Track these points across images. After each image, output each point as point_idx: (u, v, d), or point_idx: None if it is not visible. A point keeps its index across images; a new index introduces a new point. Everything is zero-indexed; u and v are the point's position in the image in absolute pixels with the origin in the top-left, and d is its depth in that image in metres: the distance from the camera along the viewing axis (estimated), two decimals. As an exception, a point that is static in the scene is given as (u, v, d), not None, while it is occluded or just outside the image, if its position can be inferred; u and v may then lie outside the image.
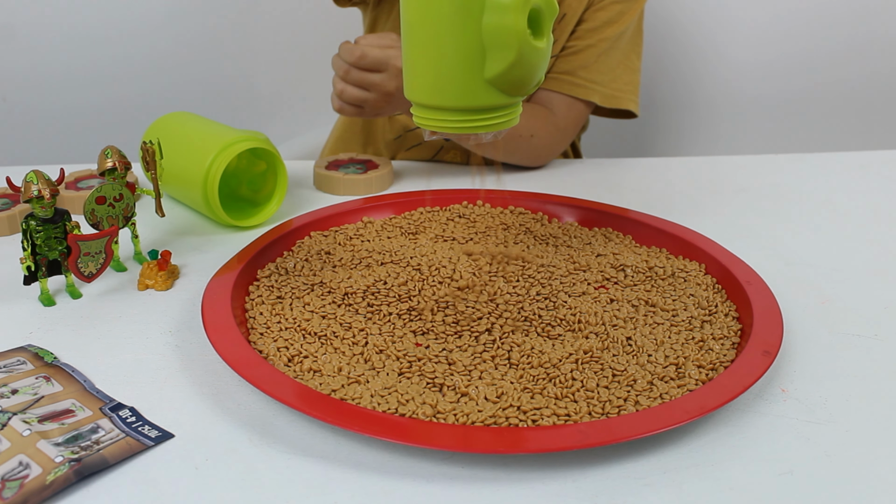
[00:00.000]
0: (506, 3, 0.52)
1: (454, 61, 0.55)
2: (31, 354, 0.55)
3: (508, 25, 0.52)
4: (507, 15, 0.52)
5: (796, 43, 1.36)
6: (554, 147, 0.96)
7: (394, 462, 0.45)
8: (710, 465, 0.45)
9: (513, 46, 0.53)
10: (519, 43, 0.53)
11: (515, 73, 0.54)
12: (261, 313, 0.59)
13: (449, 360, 0.53)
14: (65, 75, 1.34)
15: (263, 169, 0.81)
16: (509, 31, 0.52)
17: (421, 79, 0.57)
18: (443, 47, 0.55)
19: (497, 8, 0.52)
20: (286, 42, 1.45)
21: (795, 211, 0.84)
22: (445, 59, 0.55)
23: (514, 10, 0.52)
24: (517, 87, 0.56)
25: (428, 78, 0.56)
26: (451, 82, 0.55)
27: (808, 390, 0.53)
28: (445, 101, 0.56)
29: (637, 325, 0.58)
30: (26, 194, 0.59)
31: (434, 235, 0.72)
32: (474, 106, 0.56)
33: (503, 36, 0.53)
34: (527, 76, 0.55)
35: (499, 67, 0.54)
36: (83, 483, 0.43)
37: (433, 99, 0.57)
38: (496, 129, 0.58)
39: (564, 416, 0.48)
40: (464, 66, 0.54)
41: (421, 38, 0.56)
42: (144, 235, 0.74)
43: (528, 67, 0.55)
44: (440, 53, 0.55)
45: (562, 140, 0.97)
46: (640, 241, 0.72)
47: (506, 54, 0.53)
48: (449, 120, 0.57)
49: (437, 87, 0.56)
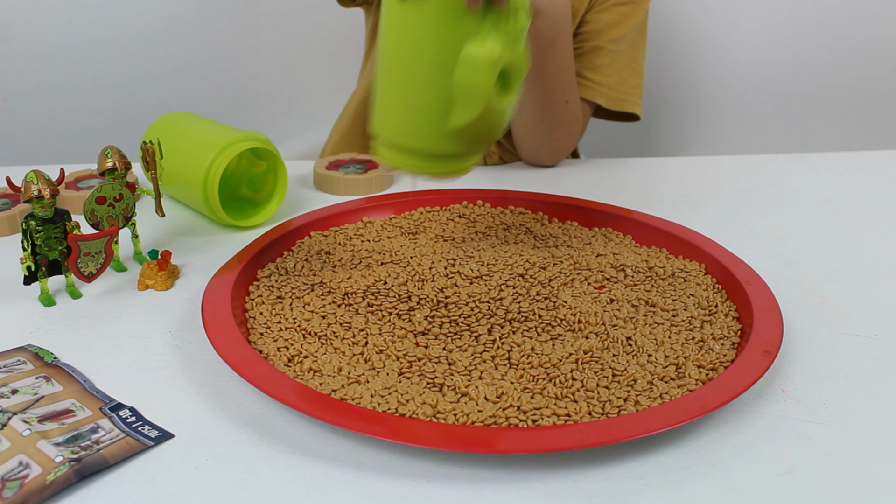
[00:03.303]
0: (477, 61, 0.53)
1: (422, 107, 0.57)
2: (31, 354, 0.55)
3: (477, 83, 0.54)
4: (477, 73, 0.54)
5: (796, 43, 1.36)
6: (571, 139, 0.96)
7: (394, 462, 0.45)
8: (710, 465, 0.45)
9: (479, 103, 0.54)
10: (485, 100, 0.54)
11: (478, 127, 0.56)
12: (261, 313, 0.59)
13: (449, 360, 0.53)
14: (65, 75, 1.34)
15: (263, 169, 0.81)
16: (478, 89, 0.54)
17: (390, 118, 0.59)
18: (414, 92, 0.57)
19: (469, 65, 0.54)
20: (287, 42, 1.45)
21: (795, 211, 0.84)
22: (414, 104, 0.57)
23: (485, 69, 0.54)
24: (477, 140, 0.58)
25: (396, 118, 0.58)
26: (417, 127, 0.57)
27: (808, 390, 0.53)
28: (410, 143, 0.59)
29: (637, 325, 0.58)
30: (26, 194, 0.59)
31: (434, 235, 0.72)
32: (436, 152, 0.58)
33: (471, 92, 0.54)
34: (488, 131, 0.57)
35: (463, 120, 0.56)
36: (83, 483, 0.43)
37: (398, 139, 0.59)
38: (451, 176, 0.61)
39: (564, 416, 0.48)
40: (431, 113, 0.56)
41: (395, 81, 0.58)
42: (144, 235, 0.74)
43: (491, 124, 0.57)
44: (410, 97, 0.57)
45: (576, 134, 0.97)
46: (640, 241, 0.72)
47: (472, 109, 0.55)
48: (411, 161, 0.59)
49: (404, 128, 0.58)
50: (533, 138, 0.95)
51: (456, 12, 0.53)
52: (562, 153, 0.97)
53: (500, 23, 0.54)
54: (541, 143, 0.95)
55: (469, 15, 0.53)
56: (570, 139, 0.96)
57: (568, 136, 0.96)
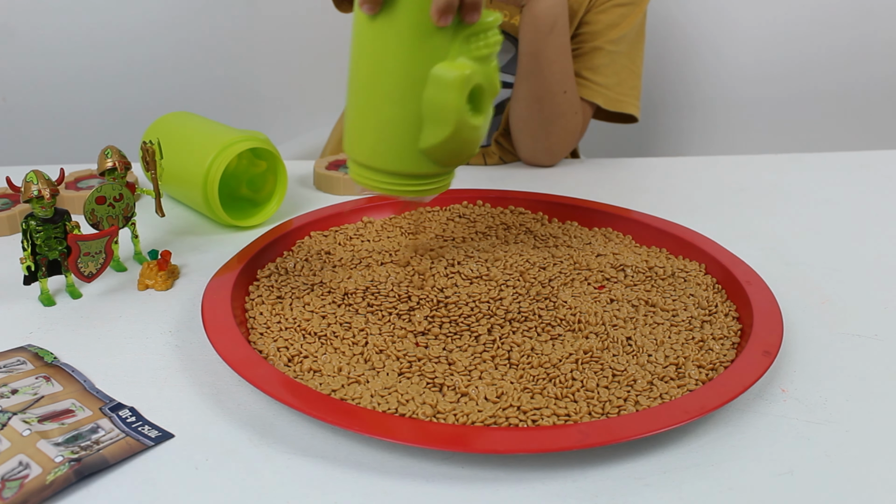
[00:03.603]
0: (448, 80, 0.53)
1: (393, 128, 0.56)
2: (31, 354, 0.55)
3: (448, 102, 0.54)
4: (447, 92, 0.53)
5: (796, 43, 1.36)
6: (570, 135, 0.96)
7: (394, 462, 0.45)
8: (710, 465, 0.45)
9: (450, 122, 0.54)
10: (456, 119, 0.54)
11: (449, 146, 0.56)
12: (261, 313, 0.59)
13: (449, 360, 0.53)
14: (65, 75, 1.34)
15: (263, 169, 0.81)
16: (448, 108, 0.54)
17: (360, 139, 0.58)
18: (384, 113, 0.56)
19: (439, 84, 0.54)
20: (286, 43, 1.45)
21: (795, 211, 0.84)
22: (385, 125, 0.56)
23: (456, 87, 0.53)
24: (449, 159, 0.58)
25: (367, 140, 0.58)
26: (388, 148, 0.57)
27: (808, 390, 0.53)
28: (381, 164, 0.58)
29: (637, 325, 0.58)
30: (26, 194, 0.59)
31: (434, 235, 0.72)
32: (408, 172, 0.58)
33: (442, 111, 0.54)
34: (460, 150, 0.57)
35: (434, 140, 0.55)
36: (83, 483, 0.43)
37: (370, 160, 0.59)
38: (426, 195, 0.60)
39: (564, 416, 0.48)
40: (402, 134, 0.56)
41: (365, 99, 0.57)
42: (144, 235, 0.74)
43: (462, 143, 0.56)
44: (380, 118, 0.56)
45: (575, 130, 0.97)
46: (640, 241, 0.72)
47: (442, 129, 0.55)
48: (382, 181, 0.59)
49: (375, 150, 0.58)
50: (531, 132, 0.95)
51: (426, 31, 0.53)
52: (561, 150, 0.97)
53: (470, 41, 0.54)
54: (539, 137, 0.95)
55: (439, 33, 0.53)
56: (569, 135, 0.96)
57: (567, 131, 0.95)
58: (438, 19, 0.52)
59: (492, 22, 0.55)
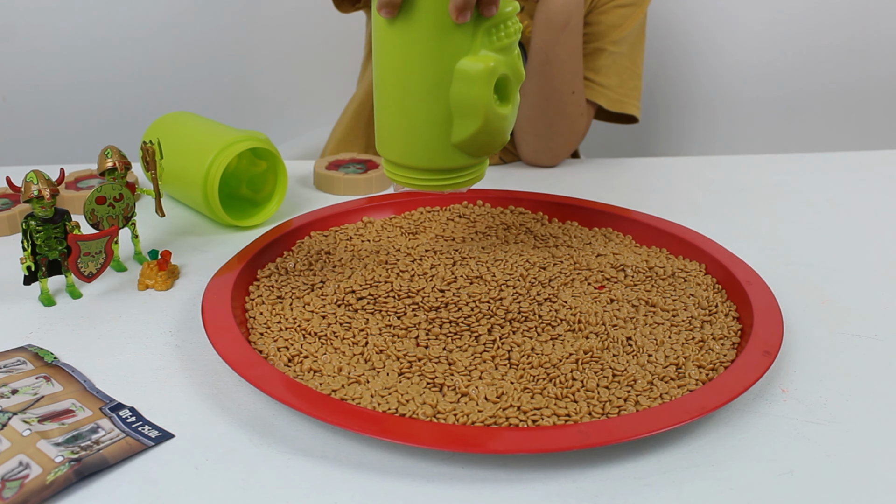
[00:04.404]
0: (473, 74, 0.54)
1: (424, 126, 0.57)
2: (31, 354, 0.55)
3: (475, 95, 0.55)
4: (474, 86, 0.54)
5: (796, 43, 1.36)
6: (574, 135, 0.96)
7: (394, 462, 0.45)
8: (710, 465, 0.45)
9: (479, 115, 0.55)
10: (485, 112, 0.55)
11: (481, 138, 0.57)
12: (261, 313, 0.59)
13: (449, 360, 0.53)
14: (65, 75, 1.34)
15: (263, 169, 0.81)
16: (476, 101, 0.55)
17: (392, 139, 0.59)
18: (413, 112, 0.57)
19: (465, 79, 0.54)
20: (286, 42, 1.45)
21: (795, 211, 0.84)
22: (415, 124, 0.57)
23: (482, 81, 0.54)
24: (482, 150, 0.59)
25: (398, 139, 0.59)
26: (421, 145, 0.58)
27: (808, 390, 0.53)
28: (416, 161, 0.59)
29: (637, 325, 0.58)
30: (26, 194, 0.59)
31: (434, 235, 0.72)
32: (443, 167, 0.59)
33: (470, 105, 0.55)
34: (492, 141, 0.58)
35: (465, 133, 0.56)
36: (83, 483, 0.43)
37: (403, 159, 0.59)
38: (464, 187, 0.61)
39: (564, 416, 0.48)
40: (433, 130, 0.57)
41: (393, 101, 0.58)
42: (144, 235, 0.74)
43: (493, 133, 0.57)
44: (411, 118, 0.57)
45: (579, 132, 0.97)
46: (640, 241, 0.72)
47: (472, 122, 0.56)
48: (418, 178, 0.60)
49: (408, 148, 0.59)
50: (536, 132, 0.95)
51: (446, 28, 0.54)
52: (564, 152, 0.97)
53: (491, 33, 0.55)
54: (544, 137, 0.95)
55: (459, 29, 0.54)
56: (573, 136, 0.96)
57: (572, 132, 0.95)
58: (457, 17, 0.53)
59: (510, 12, 0.55)
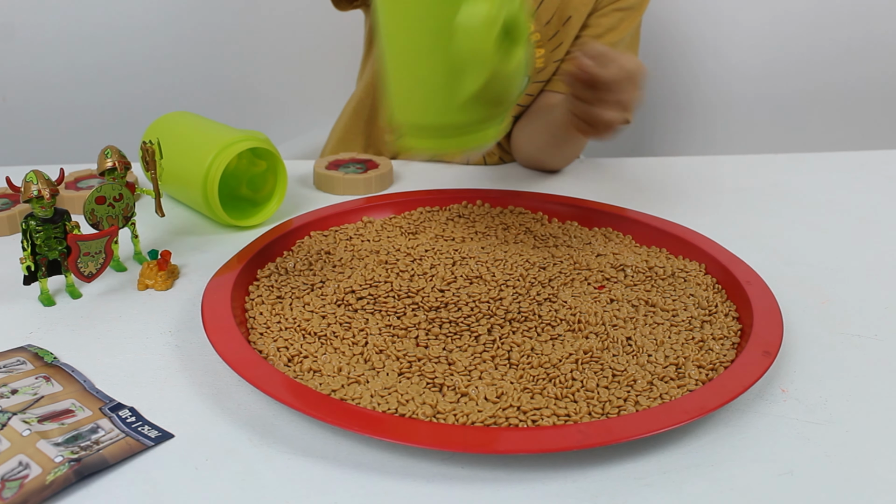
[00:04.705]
0: (473, 24, 0.52)
1: (433, 83, 0.56)
2: (31, 354, 0.55)
3: (478, 46, 0.53)
4: (475, 36, 0.52)
5: (796, 43, 1.36)
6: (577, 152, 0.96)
7: (394, 462, 0.45)
8: (710, 465, 0.45)
9: (485, 66, 0.53)
10: (490, 62, 0.53)
11: (492, 89, 0.55)
12: (261, 313, 0.59)
13: (449, 360, 0.53)
14: (65, 75, 1.34)
15: (263, 169, 0.81)
16: (479, 52, 0.53)
17: (404, 100, 0.58)
18: (421, 71, 0.56)
19: (465, 30, 0.53)
20: (286, 42, 1.45)
21: (795, 211, 0.84)
22: (425, 82, 0.56)
23: (482, 30, 0.52)
24: (498, 102, 0.57)
25: (412, 99, 0.58)
26: (433, 103, 0.57)
27: (808, 390, 0.53)
28: (431, 120, 0.57)
29: (637, 325, 0.58)
30: (26, 194, 0.59)
31: (434, 235, 0.72)
32: (458, 123, 0.57)
33: (474, 57, 0.53)
34: (504, 92, 0.56)
35: (474, 86, 0.54)
36: (83, 483, 0.43)
37: (419, 119, 0.58)
38: (485, 143, 0.59)
39: (564, 416, 0.48)
40: (443, 86, 0.55)
41: (400, 62, 0.57)
42: (144, 235, 0.74)
43: (504, 83, 0.55)
44: (420, 77, 0.56)
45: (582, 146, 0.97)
46: (640, 241, 0.72)
47: (479, 74, 0.54)
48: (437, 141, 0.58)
49: (422, 107, 0.57)
50: (538, 147, 0.94)
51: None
52: (563, 166, 0.97)
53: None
54: (546, 154, 0.94)
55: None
56: (575, 155, 0.96)
57: (574, 152, 0.96)
58: None
59: None
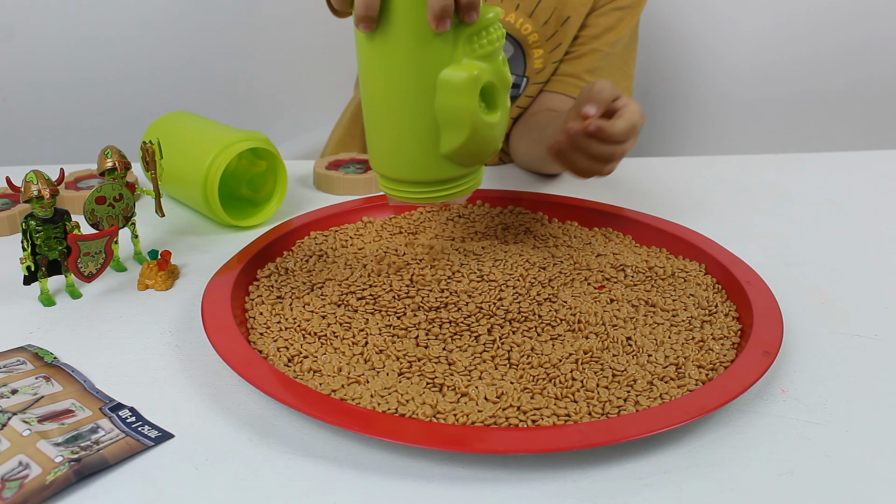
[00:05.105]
0: (456, 84, 0.53)
1: (412, 139, 0.56)
2: (31, 354, 0.55)
3: (460, 105, 0.54)
4: (458, 96, 0.53)
5: (796, 43, 1.36)
6: None
7: (394, 462, 0.45)
8: (710, 465, 0.45)
9: (466, 125, 0.54)
10: (472, 121, 0.54)
11: (470, 147, 0.56)
12: (261, 313, 0.59)
13: (449, 360, 0.53)
14: (65, 75, 1.34)
15: (263, 169, 0.81)
16: (461, 111, 0.54)
17: (382, 154, 0.59)
18: (400, 126, 0.56)
19: (448, 89, 0.53)
20: (286, 42, 1.45)
21: (795, 211, 0.84)
22: (403, 138, 0.57)
23: (465, 90, 0.53)
24: (474, 160, 0.58)
25: (389, 153, 0.58)
26: (412, 159, 0.57)
27: (808, 390, 0.53)
28: (408, 175, 0.58)
29: (637, 325, 0.58)
30: (26, 194, 0.59)
31: (434, 235, 0.72)
32: (436, 179, 0.58)
33: (455, 115, 0.54)
34: (481, 150, 0.57)
35: (454, 144, 0.55)
36: (83, 483, 0.43)
37: (395, 173, 0.59)
38: (459, 197, 0.61)
39: (564, 416, 0.48)
40: (421, 143, 0.56)
41: (380, 115, 0.57)
42: (144, 235, 0.74)
43: (482, 142, 0.56)
44: (398, 132, 0.57)
45: None
46: (640, 241, 0.72)
47: (460, 132, 0.55)
48: (413, 191, 0.59)
49: (398, 162, 0.58)
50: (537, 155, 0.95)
51: (426, 39, 0.53)
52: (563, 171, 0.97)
53: (472, 40, 0.54)
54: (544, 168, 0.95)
55: (440, 39, 0.53)
56: None
57: None
58: (437, 26, 0.52)
59: (492, 18, 0.55)
